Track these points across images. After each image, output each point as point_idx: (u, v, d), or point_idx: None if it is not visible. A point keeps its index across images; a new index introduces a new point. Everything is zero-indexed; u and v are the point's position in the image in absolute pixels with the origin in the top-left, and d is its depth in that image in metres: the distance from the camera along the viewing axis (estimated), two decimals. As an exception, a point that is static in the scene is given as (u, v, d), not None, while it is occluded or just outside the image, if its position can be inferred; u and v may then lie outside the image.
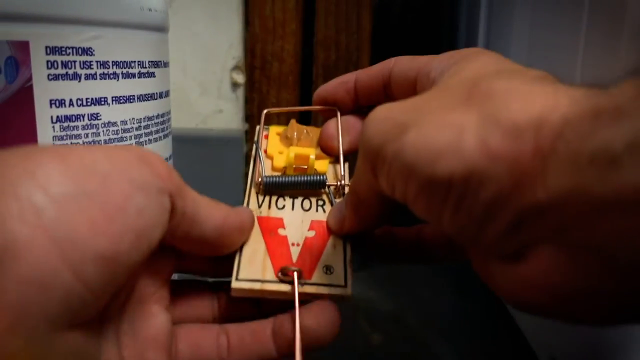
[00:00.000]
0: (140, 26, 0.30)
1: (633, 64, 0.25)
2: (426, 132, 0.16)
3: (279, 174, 0.28)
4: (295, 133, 0.30)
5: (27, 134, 0.25)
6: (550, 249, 0.15)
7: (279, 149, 0.30)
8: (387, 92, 0.27)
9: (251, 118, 0.56)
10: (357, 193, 0.22)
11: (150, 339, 0.20)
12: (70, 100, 0.26)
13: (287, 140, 0.30)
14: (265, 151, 0.30)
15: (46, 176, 0.15)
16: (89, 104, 0.27)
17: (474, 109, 0.16)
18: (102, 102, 0.28)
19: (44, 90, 0.25)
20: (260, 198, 0.26)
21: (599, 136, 0.13)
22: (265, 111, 0.30)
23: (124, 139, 0.29)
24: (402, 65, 0.26)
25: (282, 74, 0.54)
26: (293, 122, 0.31)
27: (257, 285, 0.22)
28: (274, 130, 0.31)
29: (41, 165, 0.15)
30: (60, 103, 0.26)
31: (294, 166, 0.28)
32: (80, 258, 0.15)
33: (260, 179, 0.27)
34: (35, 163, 0.16)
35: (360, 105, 0.29)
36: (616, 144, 0.12)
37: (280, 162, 0.29)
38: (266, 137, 0.31)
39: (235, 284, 0.22)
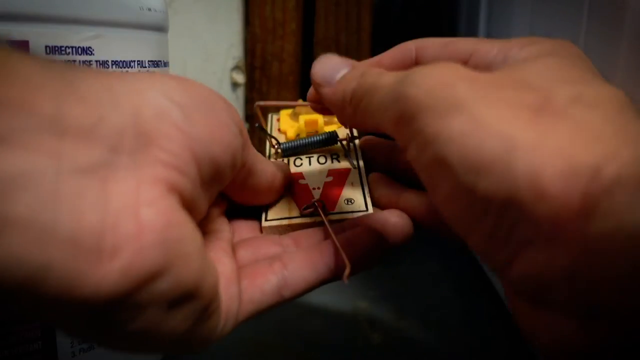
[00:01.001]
0: (140, 26, 0.30)
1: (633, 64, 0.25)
2: (476, 129, 0.14)
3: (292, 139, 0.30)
4: (303, 109, 0.33)
5: (26, 134, 0.25)
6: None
7: (290, 125, 0.32)
8: None
9: (251, 118, 0.56)
10: (360, 105, 0.19)
11: (214, 241, 0.22)
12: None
13: (296, 116, 0.32)
14: (279, 129, 0.32)
15: (168, 89, 0.17)
16: (88, 103, 0.27)
17: (537, 128, 0.14)
18: (102, 102, 0.28)
19: (43, 90, 0.25)
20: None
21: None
22: (255, 104, 0.31)
23: (124, 138, 0.29)
24: (434, 52, 0.22)
25: (282, 74, 0.54)
26: (300, 101, 0.33)
27: (285, 222, 0.25)
28: (285, 112, 0.34)
29: (162, 81, 0.18)
30: (60, 102, 0.26)
31: (305, 132, 0.30)
32: (202, 157, 0.17)
33: (276, 146, 0.29)
34: (156, 79, 0.18)
35: None
36: None
37: (292, 132, 0.31)
38: (278, 120, 0.33)
39: (265, 224, 0.25)
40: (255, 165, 0.22)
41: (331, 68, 0.22)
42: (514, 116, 0.14)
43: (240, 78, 0.55)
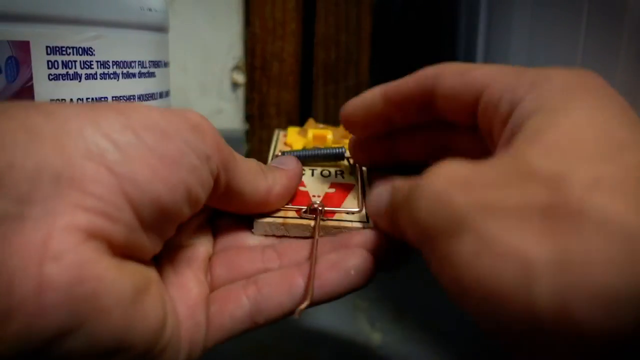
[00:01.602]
0: (141, 26, 0.30)
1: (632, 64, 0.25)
2: (484, 250, 0.13)
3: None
4: (312, 126, 0.32)
5: (27, 134, 0.25)
6: None
7: (297, 139, 0.31)
8: (432, 111, 0.22)
9: (251, 118, 0.56)
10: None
11: (184, 262, 0.20)
12: (71, 100, 0.26)
13: (304, 132, 0.32)
14: (285, 143, 0.31)
15: (110, 126, 0.16)
16: (89, 103, 0.27)
17: (552, 239, 0.12)
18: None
19: (44, 90, 0.25)
20: None
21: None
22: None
23: (125, 138, 0.29)
24: (450, 82, 0.20)
25: (282, 74, 0.54)
26: (311, 119, 0.33)
27: (279, 220, 0.23)
28: (292, 130, 0.33)
29: (105, 117, 0.16)
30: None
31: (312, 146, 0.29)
32: (140, 199, 0.16)
33: (278, 153, 0.28)
34: (99, 114, 0.16)
35: (396, 126, 0.24)
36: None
37: (298, 146, 0.30)
38: (285, 135, 0.33)
39: (257, 219, 0.23)
40: (244, 187, 0.21)
41: (376, 202, 0.21)
42: (523, 226, 0.13)
43: (240, 78, 0.55)
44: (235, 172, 0.20)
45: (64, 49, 0.26)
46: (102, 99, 0.28)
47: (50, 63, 0.25)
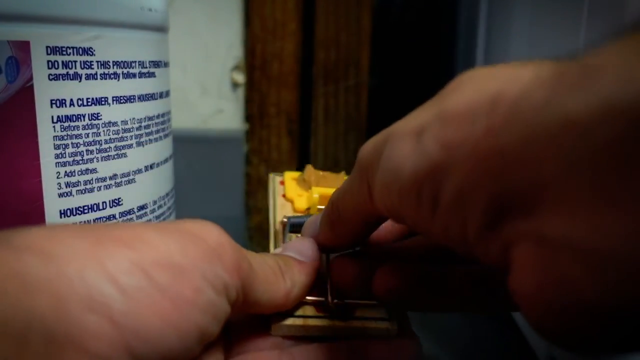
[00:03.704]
0: (141, 26, 0.30)
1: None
2: (393, 143, 0.16)
3: (301, 214, 0.27)
4: (312, 177, 0.29)
5: (27, 134, 0.25)
6: (531, 252, 0.12)
7: (297, 192, 0.29)
8: None
9: (251, 118, 0.56)
10: (339, 210, 0.20)
11: None
12: (71, 100, 0.26)
13: (304, 184, 0.30)
14: (284, 195, 0.29)
15: (116, 267, 0.14)
16: (89, 104, 0.27)
17: (436, 104, 0.15)
18: (103, 102, 0.28)
19: (44, 90, 0.25)
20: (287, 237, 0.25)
21: (556, 104, 0.11)
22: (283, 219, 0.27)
23: (125, 138, 0.29)
24: None
25: (282, 74, 0.54)
26: (309, 166, 0.30)
27: (299, 321, 0.21)
28: (289, 175, 0.31)
29: (111, 256, 0.15)
30: (61, 103, 0.26)
31: (317, 207, 0.27)
32: (148, 354, 0.14)
33: (284, 219, 0.26)
34: (105, 252, 0.15)
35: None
36: (579, 112, 0.10)
37: (301, 204, 0.28)
38: (282, 183, 0.30)
39: (275, 324, 0.21)
40: (260, 297, 0.19)
41: (311, 225, 0.23)
42: (421, 110, 0.16)
43: (240, 78, 0.55)
44: (252, 286, 0.18)
45: (64, 49, 0.26)
46: (103, 99, 0.28)
47: (50, 63, 0.25)
